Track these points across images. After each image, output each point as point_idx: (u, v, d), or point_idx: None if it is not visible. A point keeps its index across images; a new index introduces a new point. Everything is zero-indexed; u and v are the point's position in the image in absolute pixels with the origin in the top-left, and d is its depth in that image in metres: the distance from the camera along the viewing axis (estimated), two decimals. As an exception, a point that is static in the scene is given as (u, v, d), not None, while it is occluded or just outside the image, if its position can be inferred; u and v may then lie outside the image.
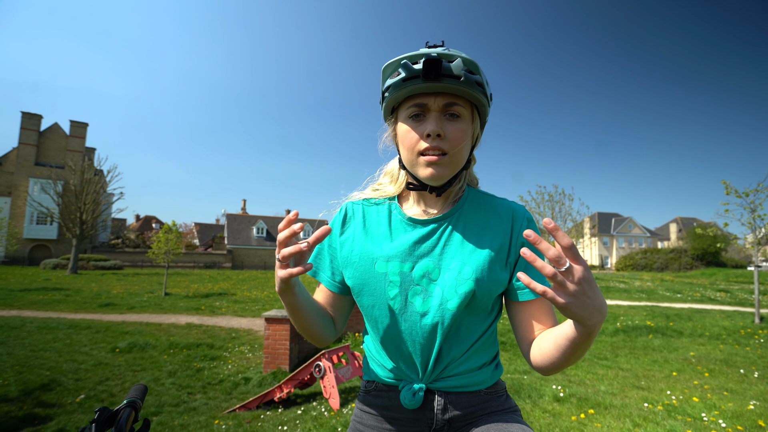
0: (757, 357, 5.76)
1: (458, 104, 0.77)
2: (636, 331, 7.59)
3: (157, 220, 63.99)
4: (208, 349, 7.07)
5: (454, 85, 0.74)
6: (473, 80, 0.75)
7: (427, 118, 0.77)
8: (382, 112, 0.87)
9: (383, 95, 0.83)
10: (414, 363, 0.81)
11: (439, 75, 0.73)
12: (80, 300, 12.49)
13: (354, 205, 0.93)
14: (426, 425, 0.80)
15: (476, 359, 0.81)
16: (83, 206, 25.85)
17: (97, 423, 0.64)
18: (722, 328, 7.75)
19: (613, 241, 56.70)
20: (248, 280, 22.35)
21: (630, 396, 3.94)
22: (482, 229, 0.82)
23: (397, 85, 0.77)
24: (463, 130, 0.78)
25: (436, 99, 0.76)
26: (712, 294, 15.43)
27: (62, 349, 6.63)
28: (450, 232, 0.82)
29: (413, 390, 0.78)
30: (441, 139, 0.76)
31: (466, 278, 0.77)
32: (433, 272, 0.80)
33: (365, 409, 0.86)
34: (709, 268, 37.64)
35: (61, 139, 36.23)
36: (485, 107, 0.81)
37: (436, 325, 0.78)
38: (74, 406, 4.42)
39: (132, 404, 0.71)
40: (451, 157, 0.77)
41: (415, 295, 0.79)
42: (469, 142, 0.81)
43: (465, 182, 0.88)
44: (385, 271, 0.81)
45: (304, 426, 3.56)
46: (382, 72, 0.81)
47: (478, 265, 0.78)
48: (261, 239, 44.23)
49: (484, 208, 0.85)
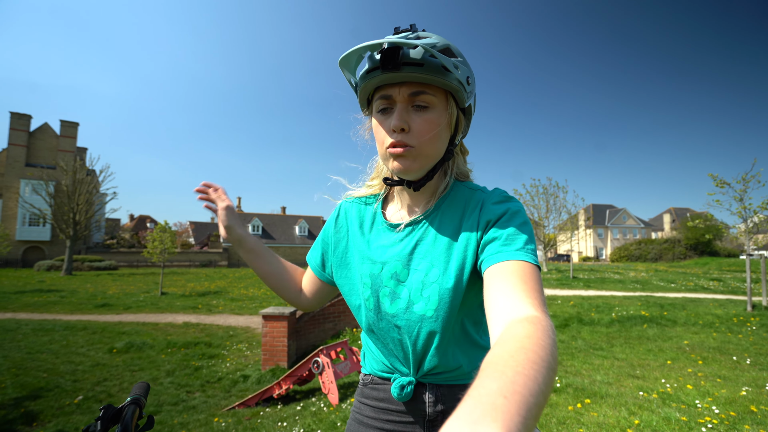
0: (749, 344, 5.85)
1: (427, 92, 0.71)
2: (631, 321, 7.67)
3: (152, 220, 63.52)
4: (206, 348, 7.06)
5: (415, 73, 0.68)
6: (437, 65, 0.68)
7: (394, 110, 0.73)
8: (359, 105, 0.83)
9: (355, 89, 0.79)
10: (399, 359, 0.82)
11: (397, 64, 0.67)
12: (76, 301, 12.41)
13: (347, 204, 0.93)
14: (420, 416, 0.80)
15: (463, 357, 0.80)
16: (76, 207, 25.61)
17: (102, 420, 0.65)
18: (715, 317, 7.85)
19: (607, 233, 57.14)
20: (244, 278, 22.30)
21: (625, 385, 3.99)
22: (457, 228, 0.77)
23: (362, 77, 0.73)
24: (431, 120, 0.72)
25: (401, 89, 0.71)
26: (705, 283, 15.62)
27: (59, 351, 6.59)
28: (424, 232, 0.79)
29: (402, 384, 0.79)
30: (406, 134, 0.72)
31: (432, 281, 0.75)
32: (401, 274, 0.78)
33: (363, 401, 0.88)
34: (702, 257, 38.11)
35: (52, 139, 35.77)
36: (460, 92, 0.73)
37: (405, 327, 0.77)
38: (72, 407, 4.41)
39: (136, 401, 0.72)
40: (419, 149, 0.73)
41: (385, 297, 0.79)
42: (443, 132, 0.75)
43: (451, 176, 0.83)
44: (361, 272, 0.83)
45: (303, 422, 3.58)
46: (339, 65, 0.74)
47: (446, 267, 0.75)
48: (256, 237, 43.93)
49: (463, 204, 0.80)
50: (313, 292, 0.98)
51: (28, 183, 32.99)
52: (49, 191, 26.78)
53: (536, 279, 0.62)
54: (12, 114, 33.82)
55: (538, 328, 0.48)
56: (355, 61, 0.75)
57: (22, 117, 34.17)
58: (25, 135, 34.31)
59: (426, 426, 0.80)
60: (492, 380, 0.37)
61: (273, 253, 0.97)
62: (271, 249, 5.74)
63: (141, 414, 0.72)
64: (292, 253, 44.73)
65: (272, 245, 43.79)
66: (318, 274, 0.95)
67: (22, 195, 32.43)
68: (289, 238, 46.01)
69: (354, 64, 0.75)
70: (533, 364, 0.39)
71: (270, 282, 0.94)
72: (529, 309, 0.54)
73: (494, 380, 0.37)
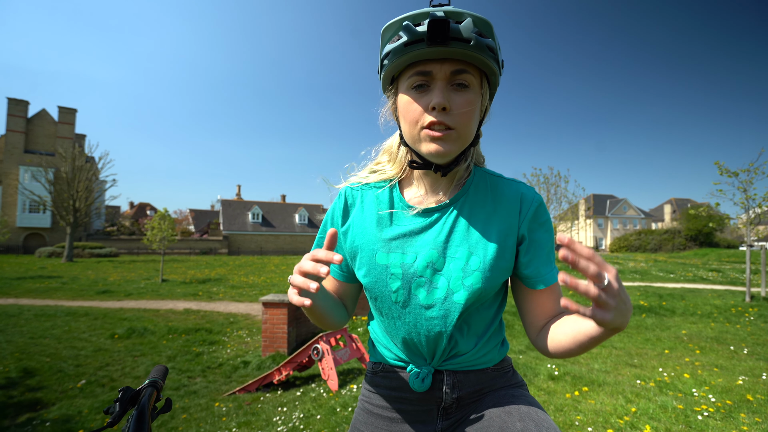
0: (746, 334, 5.89)
1: (467, 72, 0.68)
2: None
3: (152, 207, 63.57)
4: (206, 334, 7.12)
5: (464, 50, 0.64)
6: (485, 44, 0.65)
7: (432, 88, 0.68)
8: (381, 83, 0.77)
9: (382, 63, 0.73)
10: (417, 349, 0.79)
11: (446, 38, 0.63)
12: (77, 287, 12.48)
13: (353, 191, 0.86)
14: (434, 403, 0.79)
15: (486, 346, 0.80)
16: (76, 194, 25.56)
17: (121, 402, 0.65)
18: (714, 307, 7.89)
19: (607, 223, 57.16)
20: (245, 266, 22.40)
21: (623, 374, 4.02)
22: (489, 214, 0.76)
23: (398, 50, 0.67)
24: (472, 101, 0.69)
25: (443, 66, 0.67)
26: (704, 274, 15.67)
27: (61, 336, 6.65)
28: (455, 219, 0.76)
29: (421, 375, 0.78)
30: (447, 113, 0.68)
31: (474, 269, 0.73)
32: (437, 262, 0.74)
33: (373, 390, 0.85)
34: (702, 248, 38.16)
35: (50, 125, 35.52)
36: (496, 76, 0.71)
37: (442, 317, 0.74)
38: (75, 391, 4.46)
39: (154, 384, 0.72)
40: (458, 132, 0.69)
41: (419, 288, 0.75)
42: (477, 116, 0.72)
43: (472, 161, 0.81)
44: (386, 263, 0.77)
45: (303, 407, 3.62)
46: (381, 35, 0.71)
47: (486, 255, 0.73)
48: (256, 225, 44.13)
49: (491, 191, 0.78)
50: (344, 297, 0.89)
51: (28, 170, 32.88)
52: (49, 178, 26.72)
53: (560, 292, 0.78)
54: (9, 100, 33.51)
55: None
56: (391, 34, 0.70)
57: (19, 103, 33.86)
58: (23, 121, 34.05)
59: (440, 413, 0.79)
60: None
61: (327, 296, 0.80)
62: (272, 237, 5.74)
63: (159, 396, 0.72)
64: (292, 241, 44.83)
65: (272, 233, 43.89)
66: (337, 275, 0.86)
67: (21, 182, 32.35)
68: (288, 227, 46.06)
69: (389, 36, 0.70)
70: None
71: (326, 324, 0.81)
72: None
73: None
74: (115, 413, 0.64)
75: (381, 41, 0.72)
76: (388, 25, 0.69)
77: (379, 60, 0.74)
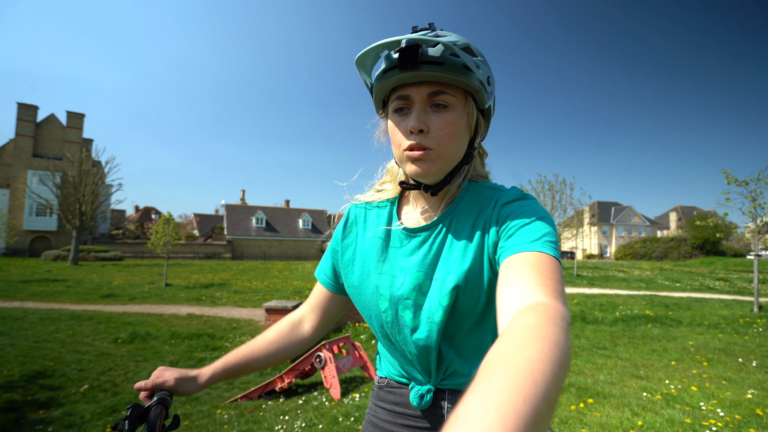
0: (755, 346, 5.80)
1: (446, 92, 0.69)
2: (635, 320, 7.63)
3: (157, 211, 64.00)
4: (209, 340, 7.11)
5: (435, 72, 0.66)
6: (458, 64, 0.66)
7: (411, 111, 0.71)
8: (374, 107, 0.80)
9: (371, 90, 0.76)
10: (417, 368, 0.80)
11: (416, 63, 0.65)
12: (82, 291, 12.54)
13: (357, 209, 0.89)
14: (436, 423, 0.80)
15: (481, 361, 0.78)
16: (82, 198, 25.80)
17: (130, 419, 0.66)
18: (721, 317, 7.79)
19: (612, 230, 56.80)
20: (248, 271, 22.43)
21: (629, 385, 3.97)
22: (471, 228, 0.75)
23: (379, 77, 0.71)
24: (450, 121, 0.70)
25: (419, 89, 0.69)
26: (711, 283, 15.49)
27: (65, 340, 6.67)
28: (442, 239, 0.76)
29: (421, 392, 0.78)
30: (424, 135, 0.69)
31: (448, 288, 0.72)
32: (424, 285, 0.75)
33: (379, 404, 0.87)
34: (709, 257, 37.78)
35: (58, 130, 35.99)
36: (480, 92, 0.70)
37: (426, 338, 0.75)
38: (78, 395, 4.46)
39: (162, 401, 0.72)
40: (437, 152, 0.70)
41: (405, 309, 0.76)
42: (462, 134, 0.72)
43: (466, 179, 0.80)
44: (377, 283, 0.79)
45: (305, 415, 3.60)
46: (356, 65, 0.72)
47: (461, 273, 0.72)
48: (260, 230, 44.25)
49: (477, 202, 0.76)
50: (323, 311, 0.92)
51: (35, 173, 33.25)
52: (56, 182, 27.00)
53: (553, 269, 0.54)
54: (19, 105, 34.03)
55: (543, 316, 0.42)
56: (371, 61, 0.72)
57: (29, 108, 34.37)
58: (32, 126, 34.53)
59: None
60: (477, 392, 0.32)
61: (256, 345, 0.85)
62: (275, 242, 5.69)
63: (167, 414, 0.72)
64: (295, 246, 44.87)
65: (276, 238, 43.97)
66: (330, 287, 0.90)
67: (29, 185, 32.72)
68: (292, 232, 46.14)
69: (370, 64, 0.73)
70: (531, 363, 0.34)
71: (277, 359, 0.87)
72: (537, 296, 0.48)
73: (479, 390, 0.32)
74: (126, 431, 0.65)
75: (361, 68, 0.73)
76: (363, 54, 0.69)
77: (366, 86, 0.77)
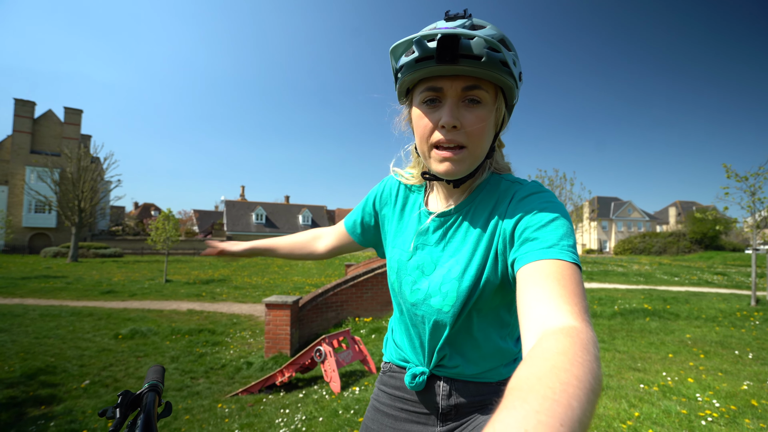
0: (752, 339, 5.84)
1: (480, 87, 0.66)
2: (633, 314, 7.67)
3: (156, 208, 63.84)
4: (209, 335, 7.14)
5: (474, 68, 0.63)
6: (497, 60, 0.63)
7: (443, 104, 0.67)
8: (396, 93, 0.77)
9: (396, 75, 0.73)
10: (416, 347, 0.83)
11: (455, 56, 0.62)
12: (82, 288, 12.56)
13: (393, 183, 0.92)
14: (433, 408, 0.81)
15: (489, 362, 0.79)
16: (81, 194, 25.74)
17: (121, 407, 0.64)
18: (718, 311, 7.83)
19: (612, 225, 56.85)
20: (248, 267, 22.46)
21: (626, 378, 4.00)
22: (486, 220, 0.74)
23: (410, 65, 0.67)
24: (484, 117, 0.67)
25: (453, 83, 0.66)
26: (709, 277, 15.55)
27: (65, 336, 6.69)
28: (457, 227, 0.77)
29: (414, 373, 0.81)
30: (457, 131, 0.66)
31: (453, 277, 0.73)
32: (426, 266, 0.78)
33: (382, 388, 0.90)
34: (707, 251, 37.87)
35: (56, 126, 35.79)
36: (512, 89, 0.69)
37: (423, 318, 0.78)
38: (80, 391, 4.49)
39: (154, 387, 0.70)
40: (470, 150, 0.68)
41: (406, 284, 0.80)
42: (491, 130, 0.71)
43: (488, 172, 0.79)
44: (391, 255, 0.85)
45: (305, 409, 3.62)
46: (390, 53, 0.70)
47: (468, 265, 0.72)
48: (260, 225, 44.25)
49: (495, 195, 0.75)
50: (339, 242, 1.04)
51: (33, 170, 33.11)
52: (54, 178, 26.90)
53: (576, 281, 0.53)
54: (16, 101, 33.81)
55: (576, 341, 0.41)
56: (403, 48, 0.69)
57: (26, 104, 34.16)
58: (30, 122, 34.34)
59: (440, 418, 0.81)
60: (513, 410, 0.32)
61: (281, 242, 1.12)
62: (275, 237, 5.66)
63: (160, 401, 0.70)
64: (295, 242, 44.89)
65: (276, 234, 43.96)
66: (348, 229, 1.01)
67: (27, 182, 32.59)
68: (292, 227, 46.14)
69: (401, 51, 0.70)
70: (567, 387, 0.34)
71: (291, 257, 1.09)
72: (567, 318, 0.47)
73: (516, 410, 0.32)
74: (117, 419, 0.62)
75: (391, 57, 0.72)
76: (398, 43, 0.68)
77: (393, 73, 0.74)
